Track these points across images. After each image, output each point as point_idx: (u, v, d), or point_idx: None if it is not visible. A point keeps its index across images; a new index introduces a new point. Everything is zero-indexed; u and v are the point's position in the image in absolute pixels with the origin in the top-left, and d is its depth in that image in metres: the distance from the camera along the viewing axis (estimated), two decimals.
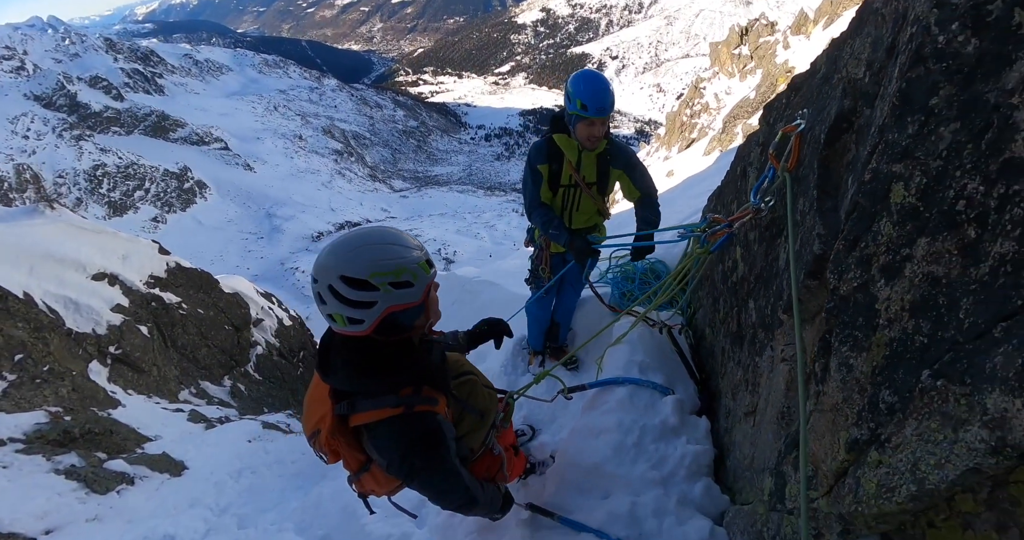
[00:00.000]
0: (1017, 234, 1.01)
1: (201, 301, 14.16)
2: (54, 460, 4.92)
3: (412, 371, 1.56)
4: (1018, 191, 1.02)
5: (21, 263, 9.14)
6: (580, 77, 2.89)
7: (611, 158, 3.09)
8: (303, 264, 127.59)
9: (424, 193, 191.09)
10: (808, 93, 2.03)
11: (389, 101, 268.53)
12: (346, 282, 1.42)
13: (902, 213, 1.27)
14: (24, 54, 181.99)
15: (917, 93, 1.28)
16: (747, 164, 2.51)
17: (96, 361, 10.04)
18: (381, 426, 1.52)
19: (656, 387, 2.65)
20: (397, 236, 1.54)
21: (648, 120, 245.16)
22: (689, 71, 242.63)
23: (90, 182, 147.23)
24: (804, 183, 1.82)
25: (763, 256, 2.14)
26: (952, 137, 1.18)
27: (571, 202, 3.19)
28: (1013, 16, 1.04)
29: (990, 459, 0.97)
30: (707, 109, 31.32)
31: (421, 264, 1.51)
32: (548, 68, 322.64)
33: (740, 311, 2.32)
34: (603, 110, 2.81)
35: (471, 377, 1.84)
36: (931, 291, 1.16)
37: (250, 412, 12.31)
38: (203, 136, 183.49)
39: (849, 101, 1.64)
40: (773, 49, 27.19)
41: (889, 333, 1.25)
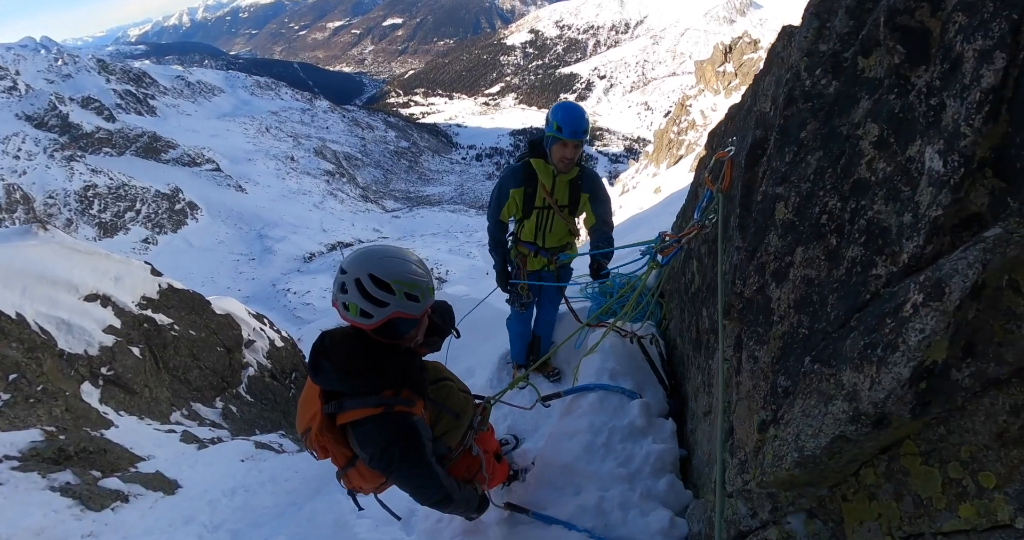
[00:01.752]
0: (863, 240, 1.24)
1: (193, 322, 14.21)
2: (49, 477, 5.03)
3: (395, 374, 1.78)
4: (864, 206, 1.26)
5: (14, 284, 9.25)
6: (559, 105, 3.23)
7: (582, 183, 3.37)
8: (295, 285, 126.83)
9: (416, 213, 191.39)
10: (738, 123, 2.33)
11: (380, 122, 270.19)
12: (372, 280, 1.67)
13: (784, 227, 1.51)
14: (16, 74, 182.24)
15: (792, 128, 1.53)
16: (698, 185, 2.79)
17: (88, 382, 10.09)
18: (364, 423, 1.74)
19: (624, 392, 2.85)
20: (417, 260, 1.82)
21: (636, 138, 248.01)
22: (676, 89, 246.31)
23: (81, 203, 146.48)
24: (733, 201, 2.04)
25: (711, 267, 2.37)
26: (817, 163, 1.43)
27: (544, 223, 3.44)
28: (858, 63, 1.30)
29: (851, 427, 1.18)
30: (694, 126, 32.01)
31: (429, 287, 1.77)
32: (537, 88, 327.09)
33: (698, 319, 2.56)
34: (576, 133, 3.08)
35: (447, 382, 2.07)
36: (808, 291, 1.39)
37: (242, 433, 12.31)
38: (195, 157, 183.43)
39: (760, 131, 1.88)
40: (756, 66, 28.00)
41: (782, 327, 1.48)
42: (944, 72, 1.05)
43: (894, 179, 1.18)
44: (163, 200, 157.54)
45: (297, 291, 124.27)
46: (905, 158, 1.15)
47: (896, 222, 1.15)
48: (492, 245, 3.68)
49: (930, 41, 1.10)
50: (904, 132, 1.16)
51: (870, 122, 1.26)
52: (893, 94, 1.19)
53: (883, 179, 1.22)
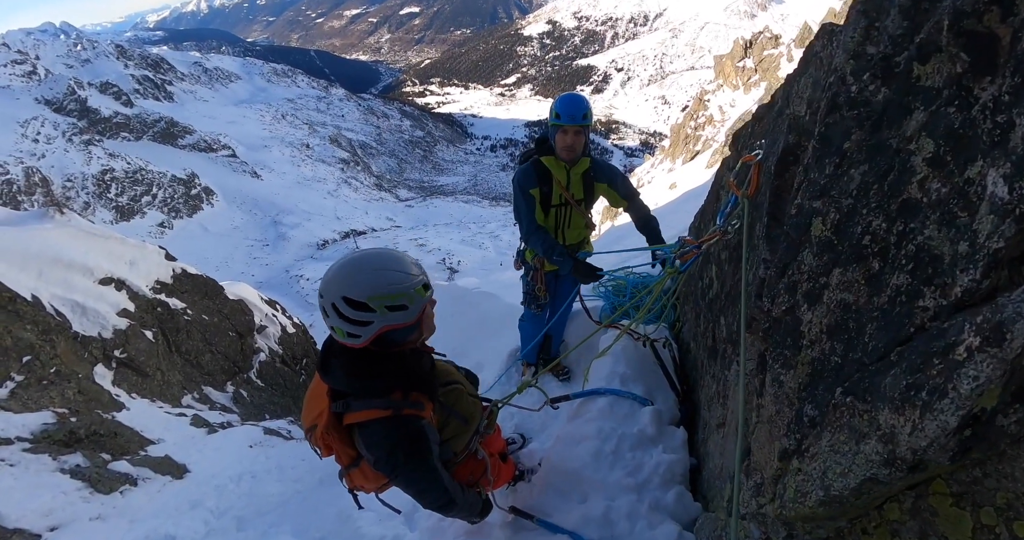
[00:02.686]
0: (910, 268, 1.13)
1: (206, 307, 14.33)
2: (60, 460, 5.08)
3: (402, 378, 1.72)
4: (913, 229, 1.15)
5: (30, 267, 9.34)
6: (561, 96, 3.18)
7: (595, 174, 3.29)
8: (308, 272, 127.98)
9: (429, 203, 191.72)
10: (768, 124, 2.18)
11: (396, 111, 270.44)
12: (347, 302, 1.57)
13: (820, 245, 1.40)
14: (36, 59, 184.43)
15: (834, 136, 1.41)
16: (720, 187, 2.68)
17: (101, 364, 10.20)
18: (371, 425, 1.68)
19: (635, 398, 2.78)
20: (398, 261, 1.68)
21: (653, 132, 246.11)
22: (694, 83, 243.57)
23: (98, 186, 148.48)
24: (759, 209, 1.93)
25: (731, 275, 2.27)
26: (861, 178, 1.31)
27: (563, 220, 3.36)
28: (913, 70, 1.18)
29: (884, 470, 1.10)
30: (711, 121, 31.59)
31: (418, 289, 1.65)
32: (554, 80, 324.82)
33: (714, 327, 2.46)
34: (574, 118, 3.01)
35: (457, 386, 1.99)
36: (844, 316, 1.29)
37: (252, 418, 12.43)
38: (211, 143, 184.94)
39: (794, 136, 1.75)
40: (777, 62, 27.51)
41: (811, 353, 1.38)
42: (1015, 86, 0.95)
43: (949, 202, 1.08)
44: (179, 185, 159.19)
45: (310, 277, 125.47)
46: (963, 180, 1.05)
47: (949, 251, 1.05)
48: (547, 245, 3.28)
49: (998, 50, 0.99)
50: (964, 150, 1.05)
51: (924, 136, 1.15)
52: (953, 107, 1.08)
53: (936, 201, 1.10)
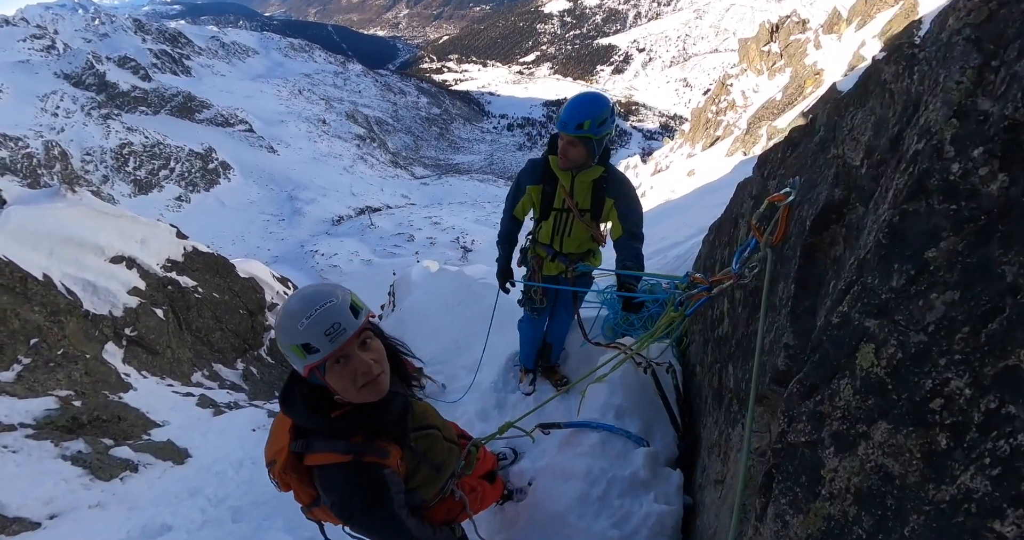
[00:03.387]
0: (996, 474, 0.77)
1: (217, 285, 14.41)
2: (62, 446, 5.10)
3: (367, 420, 1.58)
4: (1013, 417, 0.77)
5: (42, 246, 9.38)
6: (570, 100, 2.85)
7: (607, 185, 2.99)
8: (323, 247, 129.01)
9: (445, 181, 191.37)
10: (803, 156, 1.81)
11: (413, 88, 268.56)
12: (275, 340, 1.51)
13: (867, 383, 1.04)
14: (55, 33, 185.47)
15: (912, 234, 1.00)
16: (739, 215, 2.33)
17: (112, 343, 10.31)
18: (330, 468, 1.56)
19: (630, 437, 2.56)
20: (291, 312, 1.49)
21: (673, 115, 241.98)
22: (717, 67, 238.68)
23: (116, 160, 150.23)
24: (786, 264, 1.61)
25: (744, 323, 1.96)
26: (945, 310, 0.90)
27: (563, 227, 3.13)
28: None
29: None
30: (733, 106, 30.80)
31: (293, 348, 1.47)
32: (574, 59, 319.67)
33: (722, 369, 2.18)
34: (566, 124, 2.73)
35: (433, 431, 1.81)
36: (881, 487, 0.96)
37: (261, 395, 12.55)
38: (228, 118, 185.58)
39: (842, 191, 1.41)
40: (803, 48, 26.57)
41: (830, 508, 1.07)
42: None
43: None
44: (196, 159, 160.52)
45: (325, 253, 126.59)
46: None
47: None
48: (500, 237, 3.41)
49: None
50: None
51: None
52: None
53: None
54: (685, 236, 5.24)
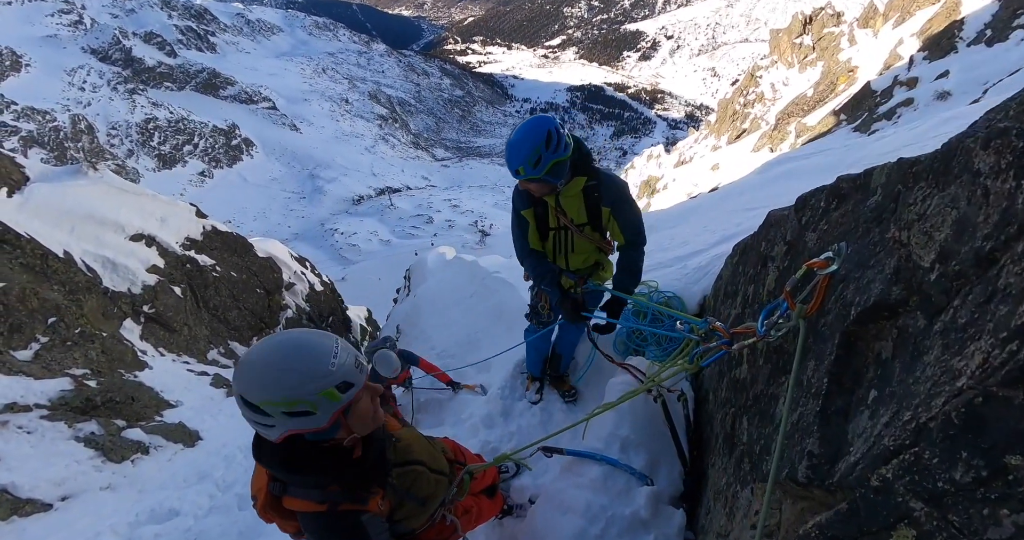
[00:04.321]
0: None
1: (235, 264, 14.54)
2: (76, 427, 5.18)
3: (340, 470, 1.51)
4: None
5: (63, 223, 9.50)
6: (514, 132, 2.53)
7: (599, 194, 2.74)
8: (343, 226, 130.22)
9: (465, 164, 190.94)
10: (852, 217, 1.55)
11: (436, 69, 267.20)
12: (244, 402, 1.36)
13: None
14: (82, 8, 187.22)
15: (995, 427, 0.81)
16: (769, 256, 2.06)
17: (130, 319, 10.47)
18: (306, 515, 1.53)
19: (634, 473, 2.43)
20: (307, 358, 1.40)
21: (699, 105, 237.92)
22: (746, 57, 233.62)
23: (142, 135, 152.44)
24: (820, 342, 1.43)
25: (765, 379, 1.79)
26: (1015, 534, 0.76)
27: (563, 245, 2.96)
28: None
29: None
30: (761, 99, 30.05)
31: (326, 393, 1.38)
32: (600, 44, 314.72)
33: (736, 417, 2.03)
34: (516, 173, 2.54)
35: (417, 467, 1.75)
36: None
37: None
38: (252, 95, 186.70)
39: (900, 291, 1.18)
40: (837, 42, 25.71)
41: None
42: None
43: None
44: (220, 135, 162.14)
45: (344, 232, 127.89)
46: None
47: None
48: (538, 277, 3.02)
49: None
50: None
51: None
52: None
53: None
54: (706, 243, 5.08)
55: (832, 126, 18.81)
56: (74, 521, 4.32)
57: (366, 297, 32.70)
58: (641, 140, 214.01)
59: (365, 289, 64.96)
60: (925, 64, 17.10)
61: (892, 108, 15.78)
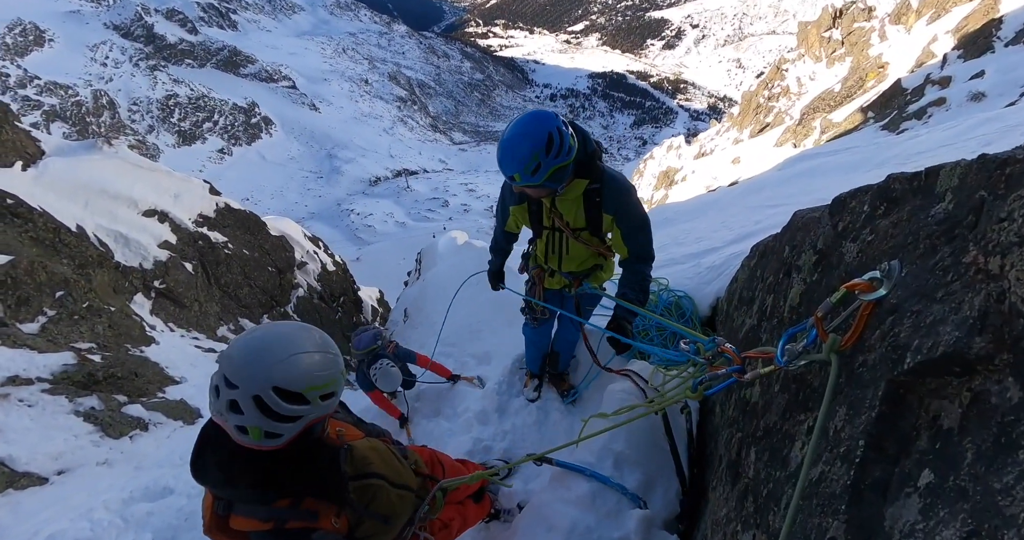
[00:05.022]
0: None
1: (247, 242, 14.59)
2: (76, 401, 5.18)
3: (290, 483, 1.43)
4: None
5: (77, 197, 9.54)
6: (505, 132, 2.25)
7: (601, 198, 2.41)
8: (359, 206, 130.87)
9: (483, 148, 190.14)
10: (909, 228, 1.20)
11: (457, 52, 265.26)
12: (280, 394, 1.29)
13: None
14: None
15: None
16: (793, 266, 1.76)
17: (140, 294, 10.55)
18: (256, 536, 1.43)
19: (625, 493, 2.22)
20: (328, 340, 1.46)
21: (723, 96, 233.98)
22: (773, 49, 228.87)
23: (162, 111, 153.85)
24: (856, 387, 1.16)
25: (780, 411, 1.55)
26: None
27: (557, 246, 2.71)
28: None
29: None
30: (787, 93, 29.35)
31: (343, 371, 1.43)
32: (624, 31, 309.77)
33: (743, 446, 1.81)
34: (511, 177, 2.27)
35: (375, 481, 1.61)
36: None
37: None
38: (272, 74, 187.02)
39: (987, 343, 0.86)
40: (867, 37, 24.93)
41: None
42: None
43: None
44: (240, 113, 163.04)
45: (360, 212, 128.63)
46: None
47: None
48: (491, 247, 3.17)
49: None
50: None
51: None
52: None
53: None
54: (723, 241, 4.90)
55: (859, 123, 18.31)
56: (69, 496, 4.33)
57: (380, 278, 32.81)
58: (662, 130, 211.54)
59: (380, 270, 65.23)
60: (959, 63, 16.53)
61: (923, 107, 15.29)
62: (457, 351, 5.98)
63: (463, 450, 3.17)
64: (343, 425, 1.73)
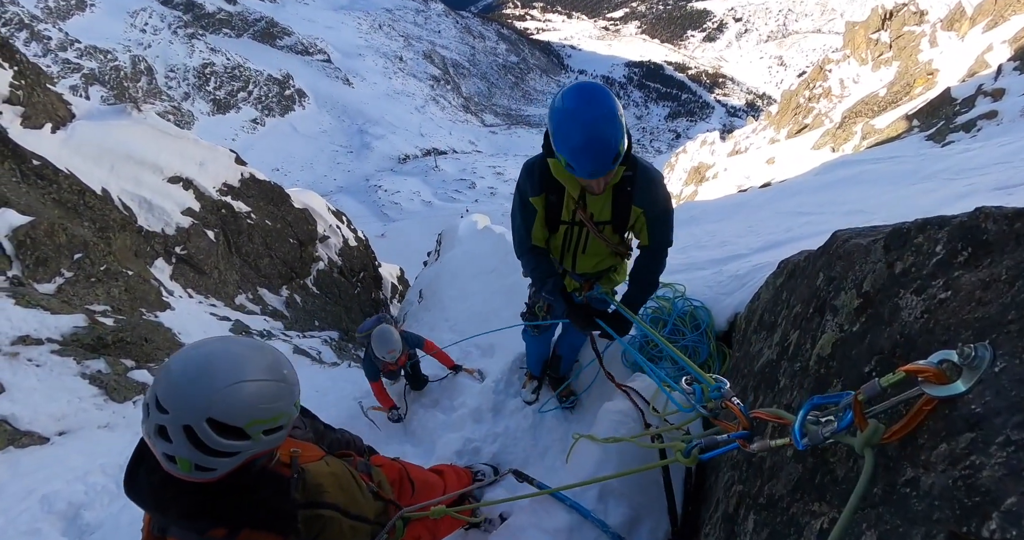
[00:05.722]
0: None
1: (270, 213, 14.68)
2: (83, 364, 5.24)
3: (227, 513, 1.30)
4: None
5: (103, 161, 9.64)
6: (568, 115, 1.90)
7: (633, 189, 2.20)
8: (386, 183, 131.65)
9: (513, 131, 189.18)
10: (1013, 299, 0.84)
11: (493, 33, 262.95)
12: (215, 427, 1.13)
13: None
14: None
15: None
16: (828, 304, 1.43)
17: (161, 259, 10.69)
18: None
19: (606, 531, 2.02)
20: (280, 364, 1.28)
21: (762, 94, 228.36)
22: (817, 48, 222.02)
23: (198, 79, 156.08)
24: (896, 508, 0.86)
25: (790, 487, 1.28)
26: None
27: (574, 243, 2.44)
28: None
29: None
30: (828, 94, 28.37)
31: (296, 402, 1.27)
32: (664, 20, 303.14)
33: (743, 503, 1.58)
34: (596, 172, 1.95)
35: (327, 512, 1.46)
36: None
37: (300, 324, 12.90)
38: (308, 46, 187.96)
39: None
40: (917, 42, 23.87)
41: None
42: None
43: None
44: (274, 84, 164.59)
45: (388, 189, 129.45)
46: None
47: None
48: (539, 280, 2.49)
49: None
50: None
51: None
52: None
53: None
54: (749, 248, 4.67)
55: (902, 131, 17.60)
56: (67, 457, 4.38)
57: (403, 256, 32.92)
58: (697, 124, 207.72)
59: (403, 247, 65.50)
60: (1015, 75, 15.70)
61: (972, 119, 14.57)
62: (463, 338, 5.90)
63: (452, 449, 3.08)
64: (300, 444, 1.57)
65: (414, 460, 3.57)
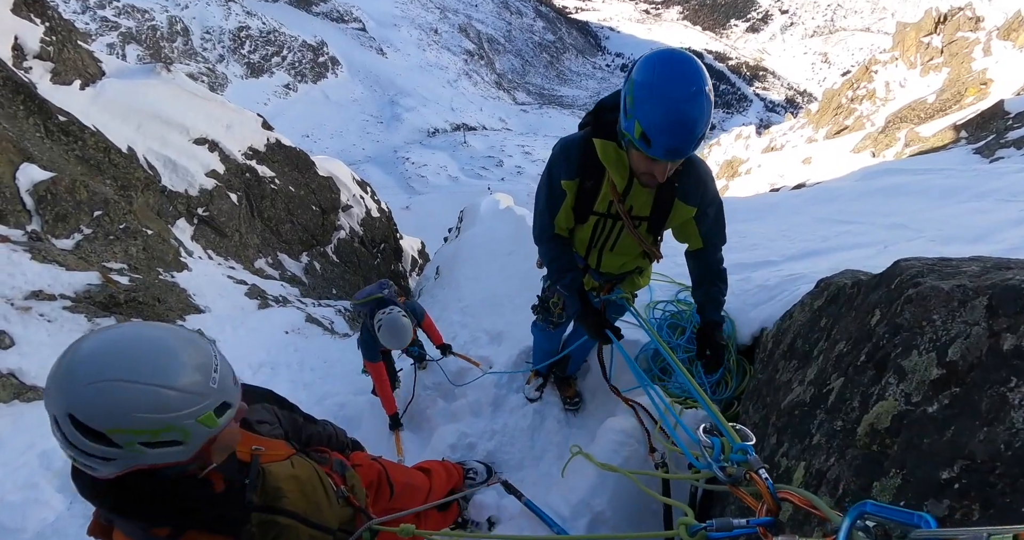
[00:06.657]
0: None
1: (294, 180, 14.71)
2: (94, 322, 5.25)
3: (171, 511, 1.18)
4: None
5: (130, 119, 9.66)
6: (654, 90, 1.66)
7: (681, 184, 1.98)
8: (414, 156, 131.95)
9: (545, 111, 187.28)
10: None
11: (531, 9, 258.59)
12: (75, 425, 0.97)
13: None
14: None
15: None
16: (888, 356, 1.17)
17: (183, 219, 10.75)
18: None
19: None
20: (190, 369, 1.05)
21: (803, 90, 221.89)
22: (864, 48, 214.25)
23: (233, 42, 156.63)
24: None
25: None
26: None
27: (603, 238, 2.20)
28: None
29: None
30: (872, 97, 27.31)
31: (204, 418, 1.06)
32: (707, 7, 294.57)
33: None
34: (677, 152, 1.72)
35: (284, 520, 1.34)
36: None
37: (318, 291, 12.98)
38: (343, 14, 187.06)
39: None
40: (970, 50, 22.73)
41: None
42: None
43: None
44: (308, 51, 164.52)
45: (416, 162, 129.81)
46: None
47: None
48: (557, 273, 2.26)
49: None
50: None
51: None
52: None
53: None
54: (781, 255, 4.41)
55: (949, 142, 16.86)
56: None
57: (426, 229, 32.87)
58: (733, 116, 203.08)
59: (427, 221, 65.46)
60: None
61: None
62: (474, 322, 5.77)
63: (446, 443, 2.98)
64: (265, 441, 1.43)
65: (409, 447, 3.49)
